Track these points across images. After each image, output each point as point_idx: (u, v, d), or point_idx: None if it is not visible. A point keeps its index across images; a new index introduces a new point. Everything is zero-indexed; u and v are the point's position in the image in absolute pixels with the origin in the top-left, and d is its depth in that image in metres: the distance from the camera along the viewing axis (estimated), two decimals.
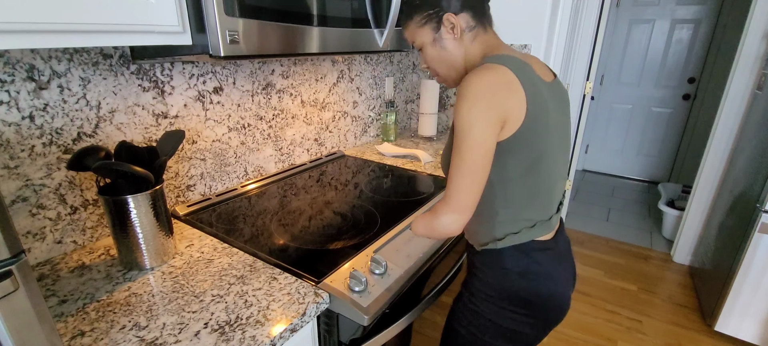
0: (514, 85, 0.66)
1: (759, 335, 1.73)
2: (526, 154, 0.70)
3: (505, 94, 0.65)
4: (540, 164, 0.72)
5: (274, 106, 1.33)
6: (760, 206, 1.55)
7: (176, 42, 0.71)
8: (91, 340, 0.65)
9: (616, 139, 3.77)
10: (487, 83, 0.64)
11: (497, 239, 0.76)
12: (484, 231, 0.78)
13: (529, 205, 0.75)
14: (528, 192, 0.74)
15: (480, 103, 0.63)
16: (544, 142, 0.71)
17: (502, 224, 0.76)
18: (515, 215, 0.75)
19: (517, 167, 0.70)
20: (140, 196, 0.78)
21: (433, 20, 0.75)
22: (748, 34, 1.94)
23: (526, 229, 0.76)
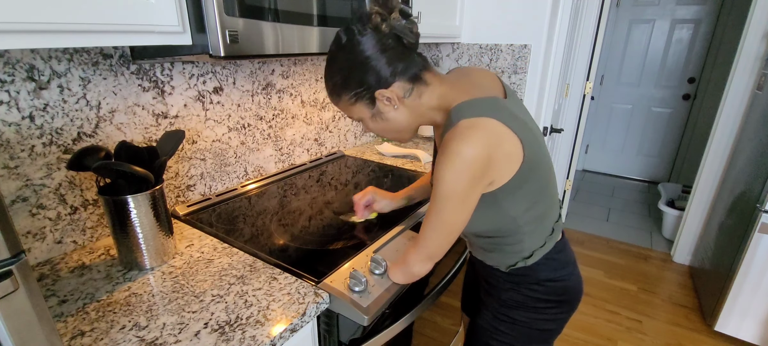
0: (502, 133, 0.63)
1: (759, 335, 1.73)
2: (538, 181, 0.70)
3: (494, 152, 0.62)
4: (549, 179, 0.74)
5: (274, 106, 1.33)
6: (760, 206, 1.55)
7: (176, 42, 0.71)
8: (91, 340, 0.65)
9: (616, 139, 3.77)
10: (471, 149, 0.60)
11: (526, 257, 0.77)
12: (509, 255, 0.78)
13: (547, 218, 0.77)
14: (547, 206, 0.75)
15: (465, 174, 0.61)
16: (544, 157, 0.72)
17: (531, 245, 0.76)
18: (539, 233, 0.76)
19: (533, 196, 0.71)
20: (140, 196, 0.78)
21: (363, 97, 0.69)
22: (748, 34, 1.94)
23: (548, 238, 0.78)
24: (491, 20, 1.73)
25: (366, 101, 0.69)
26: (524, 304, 0.81)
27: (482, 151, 0.61)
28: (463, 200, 0.64)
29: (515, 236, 0.75)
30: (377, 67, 0.66)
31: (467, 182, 0.62)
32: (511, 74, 1.75)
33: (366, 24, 0.64)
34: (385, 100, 0.68)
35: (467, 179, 0.62)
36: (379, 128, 0.74)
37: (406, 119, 0.72)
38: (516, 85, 1.75)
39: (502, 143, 0.63)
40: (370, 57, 0.65)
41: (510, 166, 0.65)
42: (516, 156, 0.65)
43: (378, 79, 0.67)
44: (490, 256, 0.82)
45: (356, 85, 0.68)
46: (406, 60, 0.67)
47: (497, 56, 1.76)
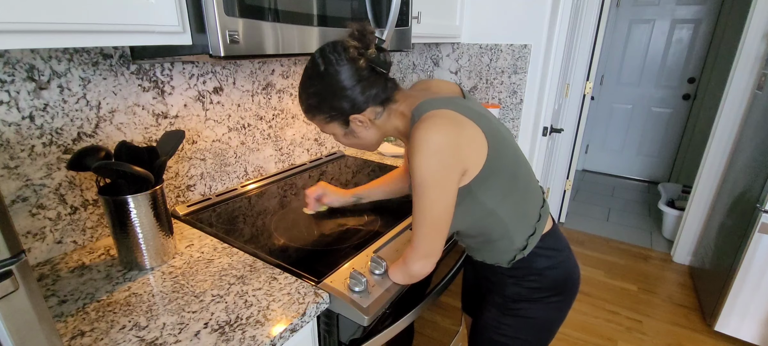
0: (462, 120, 0.67)
1: (759, 335, 1.73)
2: (507, 170, 0.73)
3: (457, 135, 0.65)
4: (519, 166, 0.76)
5: (274, 106, 1.33)
6: (760, 206, 1.55)
7: (176, 42, 0.71)
8: (91, 340, 0.65)
9: (616, 139, 3.77)
10: (437, 135, 0.64)
11: (520, 248, 0.79)
12: (504, 250, 0.80)
13: (529, 205, 0.79)
14: (525, 193, 0.78)
15: (435, 157, 0.64)
16: (508, 145, 0.74)
17: (519, 234, 0.79)
18: (525, 221, 0.79)
19: (505, 185, 0.73)
20: (140, 196, 0.78)
21: (337, 119, 0.73)
22: (748, 34, 1.94)
23: (536, 224, 0.80)
24: (491, 20, 1.73)
25: (340, 122, 0.74)
26: (527, 297, 0.83)
27: (447, 135, 0.64)
28: (440, 186, 0.65)
29: (498, 228, 0.77)
30: (352, 96, 0.69)
31: (439, 165, 0.64)
32: (511, 74, 1.75)
33: (342, 55, 0.67)
34: (358, 122, 0.73)
35: (438, 162, 0.64)
36: (349, 143, 0.79)
37: (375, 136, 0.77)
38: (516, 85, 1.75)
39: (463, 129, 0.67)
40: (345, 87, 0.69)
41: (478, 153, 0.68)
42: (480, 143, 0.68)
43: (352, 106, 0.71)
44: (489, 255, 0.84)
45: (330, 109, 0.72)
46: (378, 86, 0.71)
47: (497, 56, 1.76)
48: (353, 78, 0.68)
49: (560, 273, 0.83)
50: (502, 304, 0.87)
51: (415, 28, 1.28)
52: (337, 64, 0.68)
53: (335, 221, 1.06)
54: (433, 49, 1.92)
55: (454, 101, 0.72)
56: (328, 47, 0.69)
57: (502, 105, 1.80)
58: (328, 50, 0.69)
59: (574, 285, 0.85)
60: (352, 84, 0.69)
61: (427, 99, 0.72)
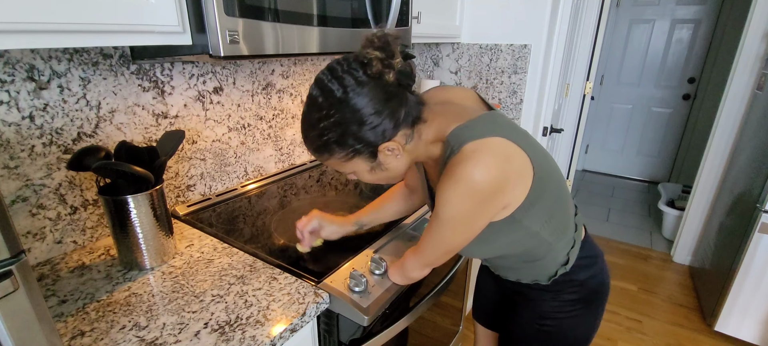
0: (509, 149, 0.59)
1: (759, 335, 1.73)
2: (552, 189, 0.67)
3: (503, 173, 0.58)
4: (561, 182, 0.70)
5: (274, 106, 1.33)
6: (760, 206, 1.55)
7: (176, 42, 0.71)
8: (91, 340, 0.65)
9: (616, 139, 3.77)
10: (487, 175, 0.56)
11: (563, 263, 0.75)
12: (544, 267, 0.75)
13: (568, 219, 0.74)
14: (563, 212, 0.72)
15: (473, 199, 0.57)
16: (549, 161, 0.68)
17: (562, 250, 0.74)
18: (566, 234, 0.74)
19: (550, 206, 0.67)
20: (140, 196, 0.78)
21: (362, 153, 0.60)
22: (748, 34, 1.94)
23: (575, 235, 0.76)
24: (491, 20, 1.73)
25: (365, 156, 0.61)
26: (565, 310, 0.78)
27: (495, 174, 0.57)
28: (467, 225, 0.61)
29: (541, 248, 0.71)
30: (381, 122, 0.57)
31: (474, 206, 0.58)
32: (511, 74, 1.75)
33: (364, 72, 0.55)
34: (388, 152, 0.61)
35: (474, 203, 0.58)
36: (374, 178, 0.68)
37: (406, 164, 0.66)
38: (516, 85, 1.75)
39: (512, 161, 0.59)
40: (373, 113, 0.56)
41: (523, 184, 0.61)
42: (527, 172, 0.61)
43: (383, 134, 0.58)
44: (527, 274, 0.78)
45: (355, 142, 0.58)
46: (406, 104, 0.59)
47: (497, 56, 1.76)
48: (380, 99, 0.56)
49: (598, 282, 0.79)
50: (538, 320, 0.81)
51: (415, 28, 1.28)
52: (359, 86, 0.55)
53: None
54: (433, 49, 1.92)
55: (495, 120, 0.62)
56: (341, 66, 0.56)
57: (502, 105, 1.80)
58: (341, 70, 0.56)
59: (607, 291, 0.82)
60: (381, 107, 0.56)
61: (463, 124, 0.62)
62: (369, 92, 0.55)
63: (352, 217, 0.93)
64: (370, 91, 0.55)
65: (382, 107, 0.56)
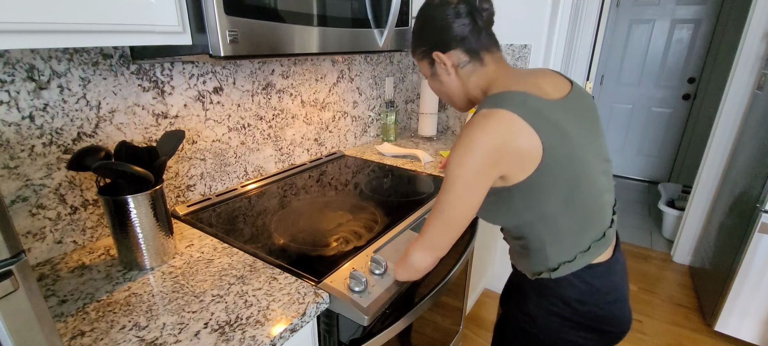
0: (518, 127, 0.61)
1: (759, 335, 1.73)
2: (560, 187, 0.65)
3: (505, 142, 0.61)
4: (579, 191, 0.66)
5: (274, 106, 1.33)
6: (760, 206, 1.55)
7: (176, 42, 0.71)
8: (91, 340, 0.65)
9: (616, 139, 3.77)
10: (482, 137, 0.61)
11: (551, 269, 0.72)
12: (535, 262, 0.74)
13: (581, 231, 0.70)
14: (577, 219, 0.68)
15: (471, 159, 0.62)
16: (575, 167, 0.65)
17: (555, 255, 0.71)
18: (568, 243, 0.70)
19: (555, 202, 0.66)
20: (140, 196, 0.78)
21: (427, 55, 0.76)
22: (748, 34, 1.94)
23: (580, 254, 0.70)
24: None
25: (428, 60, 0.76)
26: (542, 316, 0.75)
27: (492, 140, 0.61)
28: (467, 187, 0.63)
29: (535, 241, 0.71)
30: (442, 31, 0.72)
31: (473, 168, 0.62)
32: None
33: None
34: (441, 63, 0.74)
35: (474, 165, 0.62)
36: (436, 88, 0.81)
37: (457, 88, 0.76)
38: None
39: (516, 137, 0.61)
40: (437, 17, 0.72)
41: (523, 163, 0.63)
42: (532, 155, 0.62)
43: (438, 42, 0.73)
44: (520, 261, 0.79)
45: (423, 42, 0.75)
46: (471, 34, 0.71)
47: None
48: (449, 16, 0.71)
49: (590, 312, 0.73)
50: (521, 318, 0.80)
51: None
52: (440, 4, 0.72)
53: (335, 220, 1.06)
54: None
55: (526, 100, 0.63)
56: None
57: None
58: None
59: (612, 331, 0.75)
60: (449, 19, 0.71)
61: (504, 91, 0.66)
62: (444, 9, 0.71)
63: None
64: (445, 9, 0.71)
65: (449, 21, 0.71)
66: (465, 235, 1.20)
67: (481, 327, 1.89)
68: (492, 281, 2.13)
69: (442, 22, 0.71)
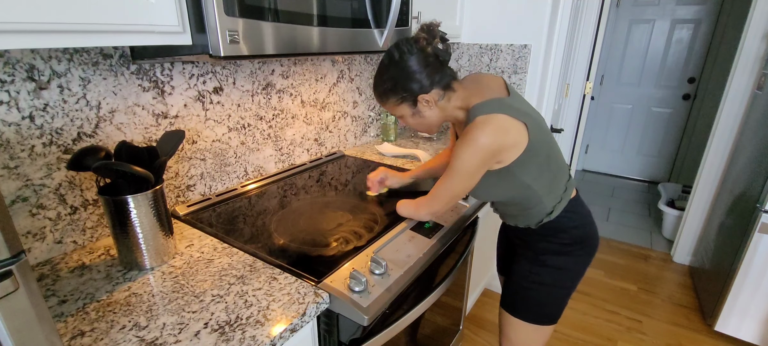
0: (510, 124, 0.82)
1: (759, 335, 1.73)
2: (542, 154, 0.88)
3: (499, 141, 0.81)
4: (551, 152, 0.91)
5: (274, 106, 1.33)
6: (760, 206, 1.55)
7: (176, 42, 0.71)
8: (91, 340, 0.65)
9: (616, 139, 3.77)
10: (485, 139, 0.80)
11: (548, 213, 0.94)
12: (535, 214, 0.95)
13: (558, 180, 0.95)
14: (555, 172, 0.93)
15: (478, 155, 0.81)
16: (544, 136, 0.89)
17: (550, 202, 0.93)
18: (554, 192, 0.94)
19: (540, 165, 0.88)
20: (140, 196, 0.78)
21: (408, 100, 0.87)
22: (748, 34, 1.94)
23: (563, 195, 0.95)
24: (491, 20, 1.73)
25: (409, 103, 0.88)
26: (554, 250, 0.98)
27: (493, 140, 0.81)
28: (470, 176, 0.85)
29: (533, 199, 0.92)
30: (421, 79, 0.84)
31: (477, 162, 0.82)
32: (511, 74, 1.75)
33: (414, 45, 0.83)
34: (424, 102, 0.87)
35: (478, 159, 0.82)
36: (415, 123, 0.93)
37: (437, 116, 0.91)
38: (516, 85, 1.75)
39: (508, 133, 0.82)
40: (416, 71, 0.84)
41: (516, 149, 0.84)
42: (521, 140, 0.83)
43: (421, 87, 0.85)
44: (522, 219, 0.99)
45: (403, 91, 0.86)
46: (441, 72, 0.86)
47: (497, 56, 1.76)
48: (422, 63, 0.83)
49: (582, 232, 0.98)
50: (532, 257, 1.01)
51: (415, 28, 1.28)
52: (409, 53, 0.83)
53: (335, 220, 1.06)
54: None
55: (503, 103, 0.85)
56: (402, 41, 0.85)
57: None
58: (402, 43, 0.84)
59: (593, 242, 1.01)
60: (421, 68, 0.83)
61: (482, 102, 0.85)
62: (415, 58, 0.83)
63: (410, 173, 1.26)
64: (416, 58, 0.83)
65: (422, 70, 0.84)
66: (465, 235, 1.20)
67: (481, 327, 1.89)
68: (492, 281, 2.13)
69: (419, 73, 0.84)
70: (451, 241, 1.04)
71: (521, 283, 1.03)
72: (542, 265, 1.00)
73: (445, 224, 1.05)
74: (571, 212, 0.96)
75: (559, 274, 0.99)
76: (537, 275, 1.00)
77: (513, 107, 0.84)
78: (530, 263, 1.02)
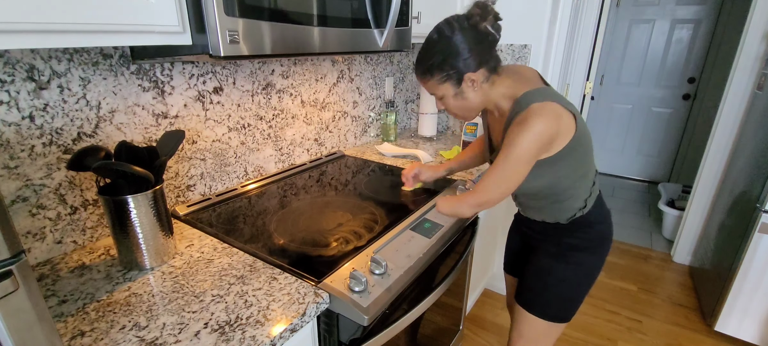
0: (562, 112, 0.81)
1: (759, 335, 1.73)
2: (584, 145, 0.88)
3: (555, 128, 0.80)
4: (588, 146, 0.91)
5: (274, 106, 1.33)
6: (760, 206, 1.55)
7: (176, 42, 0.71)
8: (91, 340, 0.65)
9: (616, 139, 3.77)
10: (546, 125, 0.79)
11: (581, 208, 0.94)
12: (566, 208, 0.95)
13: (591, 174, 0.95)
14: (589, 167, 0.93)
15: (537, 142, 0.80)
16: (586, 129, 0.89)
17: (583, 195, 0.94)
18: (587, 185, 0.94)
19: (580, 158, 0.88)
20: (140, 196, 0.78)
21: (452, 78, 0.85)
22: (748, 34, 1.94)
23: (592, 189, 0.95)
24: None
25: (453, 82, 0.85)
26: (580, 246, 0.97)
27: (550, 126, 0.80)
28: (527, 162, 0.82)
29: (568, 191, 0.92)
30: (470, 57, 0.82)
31: (535, 149, 0.80)
32: None
33: (466, 21, 0.81)
34: (470, 82, 0.84)
35: (536, 147, 0.80)
36: (457, 105, 0.90)
37: (479, 100, 0.89)
38: None
39: (561, 120, 0.81)
40: (466, 48, 0.81)
41: (564, 138, 0.84)
42: (570, 129, 0.83)
43: (468, 66, 0.83)
44: (551, 214, 0.98)
45: (449, 68, 0.83)
46: (489, 54, 0.84)
47: None
48: (472, 41, 0.81)
49: (606, 228, 0.99)
50: (557, 253, 0.99)
51: (415, 28, 1.28)
52: (461, 29, 0.81)
53: (335, 220, 1.06)
54: None
55: (551, 92, 0.84)
56: (454, 17, 0.83)
57: None
58: (453, 19, 0.82)
59: (610, 242, 1.01)
60: (472, 46, 0.81)
61: (532, 89, 0.84)
62: (467, 34, 0.81)
63: (444, 166, 1.24)
64: (468, 34, 0.81)
65: (472, 47, 0.81)
66: (465, 235, 1.20)
67: (481, 327, 1.89)
68: (492, 281, 2.13)
69: (469, 50, 0.81)
70: (451, 241, 1.04)
71: (542, 279, 1.02)
72: (565, 262, 0.98)
73: (445, 224, 1.05)
74: (598, 207, 0.97)
75: (582, 271, 0.99)
76: (559, 272, 0.99)
77: (559, 96, 0.84)
78: (552, 258, 1.00)
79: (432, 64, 0.85)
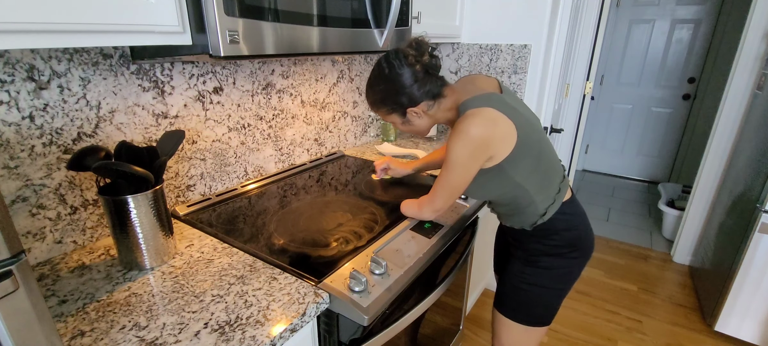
0: (498, 117, 0.82)
1: (759, 335, 1.73)
2: (533, 152, 0.88)
3: (490, 132, 0.82)
4: (542, 152, 0.91)
5: (274, 106, 1.33)
6: (760, 206, 1.55)
7: (176, 42, 0.71)
8: (91, 340, 0.65)
9: (616, 139, 3.77)
10: (477, 130, 0.81)
11: (541, 215, 0.94)
12: (528, 216, 0.95)
13: (551, 180, 0.94)
14: (546, 173, 0.93)
15: (468, 146, 0.82)
16: (536, 135, 0.89)
17: (541, 204, 0.93)
18: (546, 193, 0.93)
19: (531, 164, 0.88)
20: (140, 196, 0.78)
21: (397, 111, 0.90)
22: (748, 34, 1.94)
23: (556, 196, 0.95)
24: (491, 20, 1.73)
25: (399, 113, 0.90)
26: (547, 252, 0.98)
27: (482, 130, 0.81)
28: (465, 167, 0.84)
29: (525, 198, 0.92)
30: (410, 92, 0.86)
31: (469, 152, 0.82)
32: (511, 74, 1.75)
33: (403, 61, 0.84)
34: (414, 113, 0.89)
35: (469, 150, 0.82)
36: (406, 129, 0.96)
37: (427, 124, 0.93)
38: (516, 85, 1.75)
39: (497, 125, 0.82)
40: (405, 85, 0.85)
41: (506, 143, 0.84)
42: (511, 135, 0.84)
43: (410, 100, 0.87)
44: (516, 220, 0.99)
45: (393, 103, 0.88)
46: (430, 84, 0.87)
47: (497, 56, 1.76)
48: (411, 78, 0.84)
49: (574, 234, 0.98)
50: (525, 257, 1.01)
51: (415, 28, 1.28)
52: (399, 69, 0.84)
53: (335, 220, 1.06)
54: None
55: (492, 98, 0.86)
56: (392, 54, 0.85)
57: None
58: (391, 57, 0.85)
59: (587, 245, 1.01)
60: (410, 83, 0.85)
61: (471, 96, 0.87)
62: (405, 73, 0.84)
63: (412, 163, 1.34)
64: (405, 73, 0.84)
65: (411, 84, 0.85)
66: (465, 235, 1.20)
67: (481, 327, 1.89)
68: (492, 281, 2.13)
69: (408, 88, 0.85)
70: (451, 241, 1.04)
71: (513, 283, 1.04)
72: (535, 266, 1.00)
73: (445, 224, 1.05)
74: (564, 215, 0.96)
75: (551, 275, 0.99)
76: (529, 276, 1.00)
77: (503, 102, 0.85)
78: (523, 263, 1.02)
79: (376, 99, 0.90)
